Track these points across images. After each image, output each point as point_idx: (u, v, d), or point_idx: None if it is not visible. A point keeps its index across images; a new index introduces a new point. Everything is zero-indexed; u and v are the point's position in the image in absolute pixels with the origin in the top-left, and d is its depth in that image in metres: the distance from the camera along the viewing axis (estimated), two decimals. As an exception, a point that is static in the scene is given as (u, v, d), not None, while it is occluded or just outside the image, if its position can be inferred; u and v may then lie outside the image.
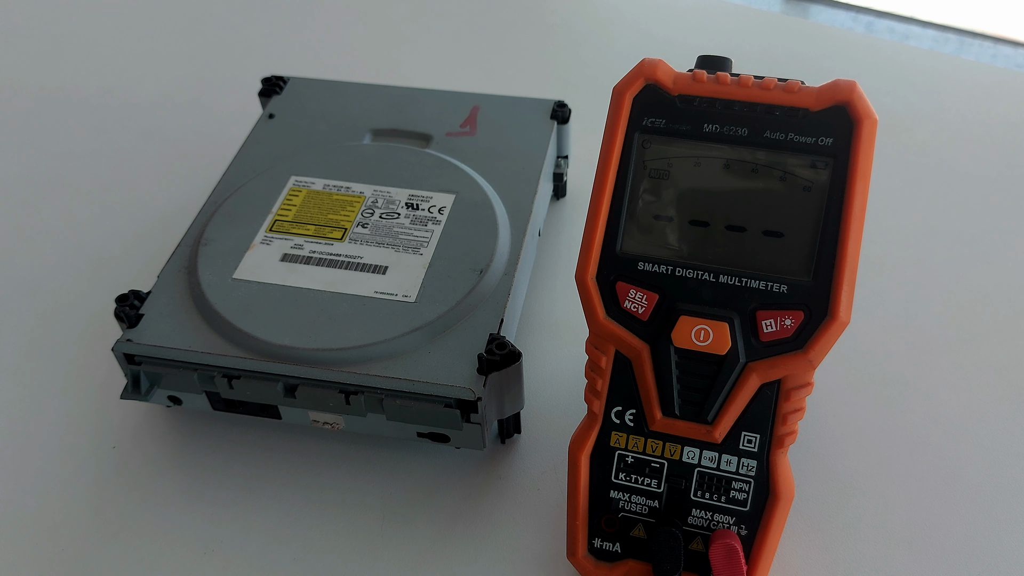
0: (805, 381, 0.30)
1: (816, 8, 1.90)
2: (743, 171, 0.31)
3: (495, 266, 0.38)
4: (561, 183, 0.49)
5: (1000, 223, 0.49)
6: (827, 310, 0.29)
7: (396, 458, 0.38)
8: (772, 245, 0.30)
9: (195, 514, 0.37)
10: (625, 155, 0.31)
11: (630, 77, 0.31)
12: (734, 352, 0.30)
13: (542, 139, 0.45)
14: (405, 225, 0.40)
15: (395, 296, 0.37)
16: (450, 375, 0.34)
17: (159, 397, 0.38)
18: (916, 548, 0.35)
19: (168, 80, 0.61)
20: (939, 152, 0.54)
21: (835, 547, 0.35)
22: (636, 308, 0.31)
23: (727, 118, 0.30)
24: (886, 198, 0.50)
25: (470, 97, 0.48)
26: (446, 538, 0.35)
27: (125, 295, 0.38)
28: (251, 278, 0.38)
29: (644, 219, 0.31)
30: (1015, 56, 1.76)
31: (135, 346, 0.36)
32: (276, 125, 0.47)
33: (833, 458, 0.38)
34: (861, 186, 0.29)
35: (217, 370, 0.36)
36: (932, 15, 1.87)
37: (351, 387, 0.35)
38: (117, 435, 0.40)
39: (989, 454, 0.38)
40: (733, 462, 0.31)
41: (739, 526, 0.31)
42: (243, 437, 0.39)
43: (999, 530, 0.35)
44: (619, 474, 0.32)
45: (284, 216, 0.41)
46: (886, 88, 0.59)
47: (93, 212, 0.50)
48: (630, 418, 0.32)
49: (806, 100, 0.30)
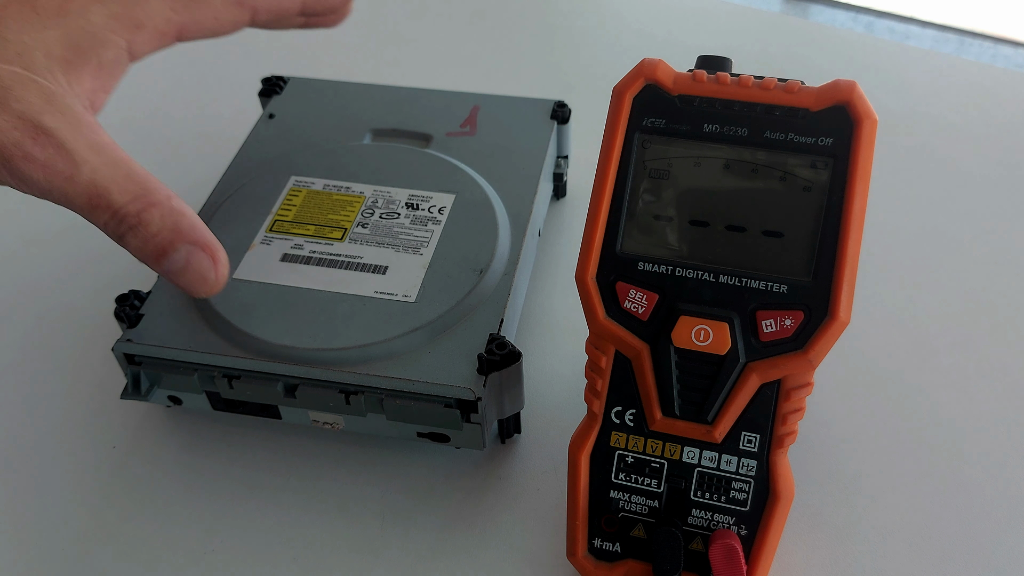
0: (805, 381, 0.30)
1: (816, 8, 1.90)
2: (743, 171, 0.31)
3: (495, 266, 0.38)
4: (561, 183, 0.49)
5: (1000, 223, 0.49)
6: (827, 310, 0.29)
7: (396, 458, 0.38)
8: (772, 245, 0.30)
9: (195, 514, 0.37)
10: (625, 155, 0.31)
11: (630, 77, 0.31)
12: (734, 352, 0.30)
13: (542, 139, 0.45)
14: (405, 225, 0.40)
15: (395, 296, 0.37)
16: (450, 375, 0.34)
17: (159, 397, 0.38)
18: (916, 548, 0.35)
19: (168, 80, 0.61)
20: (939, 152, 0.54)
21: (835, 547, 0.35)
22: (636, 308, 0.31)
23: (727, 118, 0.31)
24: (886, 198, 0.50)
25: (470, 97, 0.48)
26: (446, 538, 0.35)
27: (125, 295, 0.38)
28: (251, 278, 0.38)
29: (644, 219, 0.31)
30: (1015, 56, 1.76)
31: (135, 346, 0.36)
32: (276, 125, 0.47)
33: (833, 458, 0.38)
34: (861, 186, 0.29)
35: (217, 370, 0.36)
36: (932, 15, 1.87)
37: (351, 387, 0.35)
38: (117, 435, 0.40)
39: (989, 454, 0.38)
40: (733, 462, 0.31)
41: (739, 526, 0.31)
42: (243, 437, 0.39)
43: (999, 530, 0.35)
44: (619, 474, 0.32)
45: (284, 216, 0.41)
46: (886, 88, 0.59)
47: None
48: (630, 418, 0.32)
49: (806, 100, 0.30)
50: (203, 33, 0.35)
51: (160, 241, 0.30)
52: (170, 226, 0.30)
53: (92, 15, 0.31)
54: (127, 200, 0.30)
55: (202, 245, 0.31)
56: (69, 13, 0.31)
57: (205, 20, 0.35)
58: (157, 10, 0.33)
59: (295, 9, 0.38)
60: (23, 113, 0.29)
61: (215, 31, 0.36)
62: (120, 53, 0.32)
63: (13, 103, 0.29)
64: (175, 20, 0.34)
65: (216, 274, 0.31)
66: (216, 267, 0.31)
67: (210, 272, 0.31)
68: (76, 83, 0.31)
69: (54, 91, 0.30)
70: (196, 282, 0.31)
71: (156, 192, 0.30)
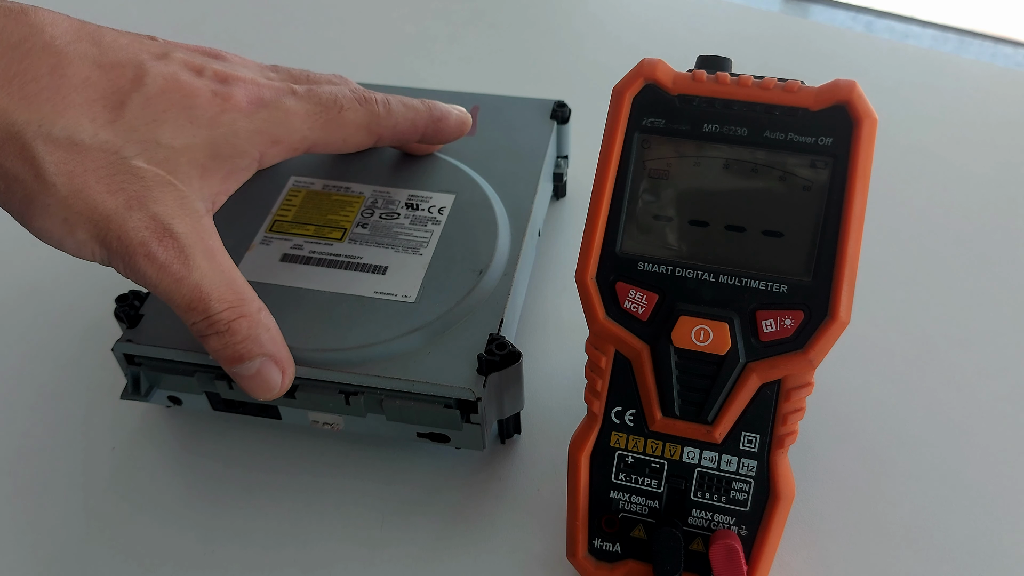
0: (805, 381, 0.30)
1: (816, 8, 1.90)
2: (743, 171, 0.31)
3: (495, 266, 0.38)
4: (561, 183, 0.49)
5: (1000, 223, 0.49)
6: (827, 310, 0.29)
7: (396, 458, 0.38)
8: (772, 245, 0.30)
9: (195, 514, 0.37)
10: (625, 155, 0.31)
11: (630, 77, 0.31)
12: (734, 352, 0.30)
13: (542, 139, 0.45)
14: (405, 225, 0.40)
15: (395, 296, 0.37)
16: (450, 375, 0.34)
17: (159, 397, 0.38)
18: (916, 548, 0.35)
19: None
20: (939, 152, 0.54)
21: (835, 547, 0.35)
22: (636, 308, 0.31)
23: (727, 118, 0.30)
24: (886, 198, 0.50)
25: (470, 97, 0.48)
26: (446, 538, 0.35)
27: (125, 295, 0.38)
28: (251, 278, 0.38)
29: (644, 219, 0.31)
30: (1015, 56, 1.76)
31: (135, 346, 0.36)
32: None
33: (833, 458, 0.38)
34: (861, 186, 0.29)
35: (217, 370, 0.36)
36: (932, 15, 1.87)
37: (351, 387, 0.35)
38: (117, 436, 0.40)
39: (989, 454, 0.38)
40: (733, 462, 0.31)
41: (739, 526, 0.31)
42: (243, 437, 0.39)
43: (999, 530, 0.35)
44: (619, 474, 0.32)
45: (284, 216, 0.41)
46: (886, 88, 0.59)
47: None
48: (630, 418, 0.32)
49: (806, 100, 0.30)
50: (329, 150, 0.38)
51: (240, 350, 0.33)
52: (253, 337, 0.33)
53: (239, 127, 0.33)
54: (223, 308, 0.32)
55: (276, 360, 0.33)
56: (220, 125, 0.33)
57: (334, 141, 0.37)
58: (297, 128, 0.35)
59: (415, 138, 0.41)
60: (157, 215, 0.31)
61: (340, 150, 0.38)
62: (252, 163, 0.35)
63: (151, 204, 0.31)
64: (310, 138, 0.36)
65: (281, 386, 0.34)
66: (283, 380, 0.34)
67: (276, 383, 0.34)
68: (207, 186, 0.33)
69: (187, 195, 0.32)
70: (261, 389, 0.34)
71: (250, 304, 0.33)
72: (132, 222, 0.30)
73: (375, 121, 0.38)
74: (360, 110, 0.37)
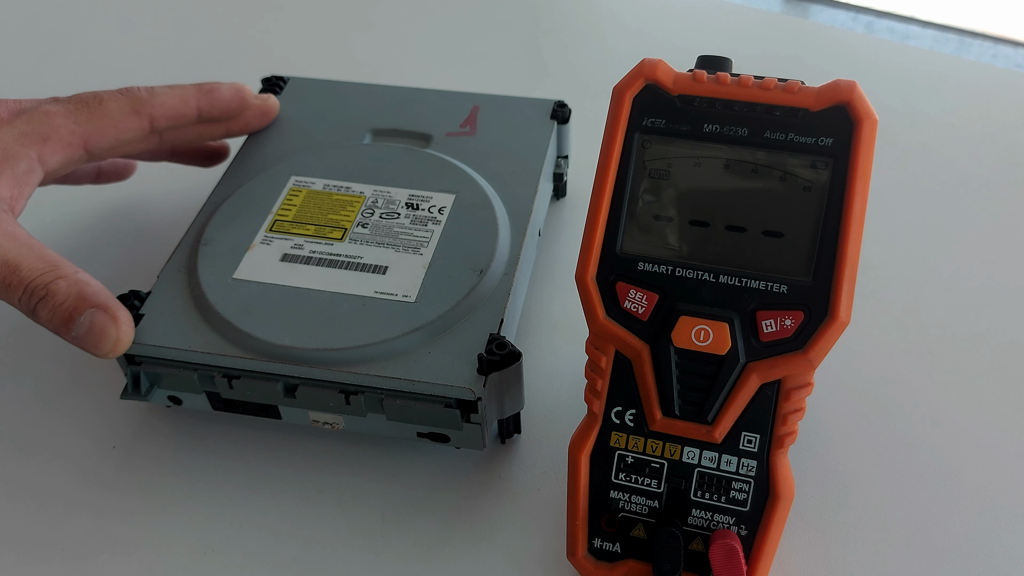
0: (805, 381, 0.30)
1: (816, 8, 1.90)
2: (743, 171, 0.31)
3: (495, 266, 0.38)
4: (561, 183, 0.49)
5: (1000, 223, 0.49)
6: (827, 310, 0.29)
7: (396, 458, 0.38)
8: (772, 245, 0.30)
9: (195, 514, 0.37)
10: (625, 155, 0.31)
11: (630, 77, 0.31)
12: (734, 352, 0.30)
13: (542, 139, 0.45)
14: (405, 225, 0.40)
15: (395, 296, 0.37)
16: (450, 375, 0.34)
17: (159, 397, 0.38)
18: (916, 548, 0.35)
19: (168, 80, 0.61)
20: (939, 152, 0.54)
21: (834, 547, 0.35)
22: (636, 308, 0.31)
23: (727, 118, 0.31)
24: (886, 198, 0.50)
25: (470, 97, 0.48)
26: (446, 538, 0.35)
27: (125, 295, 0.38)
28: (251, 278, 0.38)
29: (644, 219, 0.31)
30: (1015, 56, 1.76)
31: (135, 346, 0.36)
32: (276, 125, 0.47)
33: (833, 458, 0.38)
34: (861, 186, 0.29)
35: (217, 370, 0.36)
36: (932, 15, 1.87)
37: (351, 387, 0.35)
38: (117, 435, 0.40)
39: (989, 454, 0.38)
40: (733, 462, 0.31)
41: (739, 526, 0.31)
42: (243, 437, 0.39)
43: (999, 530, 0.35)
44: (619, 474, 0.32)
45: (284, 216, 0.41)
46: (886, 88, 0.59)
47: (93, 212, 0.50)
48: (630, 418, 0.32)
49: (806, 100, 0.30)
50: (110, 142, 0.40)
51: (67, 308, 0.34)
52: (75, 294, 0.34)
53: (3, 135, 0.38)
54: (36, 275, 0.34)
55: (103, 307, 0.34)
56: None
57: (106, 129, 0.40)
58: (61, 124, 0.39)
59: (192, 115, 0.43)
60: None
61: (120, 139, 0.41)
62: (32, 164, 0.38)
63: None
64: (79, 132, 0.39)
65: (118, 331, 0.34)
66: (117, 325, 0.34)
67: (112, 332, 0.34)
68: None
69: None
70: (101, 342, 0.34)
71: (64, 267, 0.35)
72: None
73: (139, 103, 0.41)
74: (121, 98, 0.41)
